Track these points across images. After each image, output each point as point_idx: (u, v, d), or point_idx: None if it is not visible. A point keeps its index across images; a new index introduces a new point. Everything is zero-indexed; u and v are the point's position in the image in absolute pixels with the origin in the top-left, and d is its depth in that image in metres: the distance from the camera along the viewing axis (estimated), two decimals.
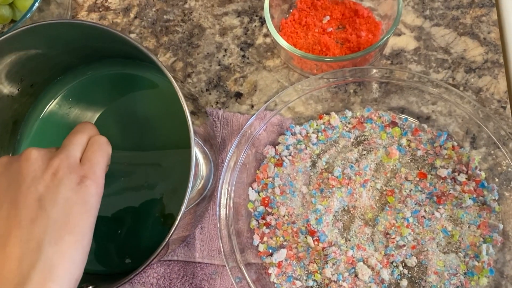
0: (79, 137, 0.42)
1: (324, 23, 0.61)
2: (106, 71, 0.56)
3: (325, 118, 0.57)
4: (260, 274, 0.51)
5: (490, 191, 0.51)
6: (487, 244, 0.49)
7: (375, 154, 0.54)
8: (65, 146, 0.41)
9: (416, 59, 0.60)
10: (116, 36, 0.45)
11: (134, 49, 0.45)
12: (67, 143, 0.41)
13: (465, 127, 0.54)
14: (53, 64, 0.54)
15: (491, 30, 0.60)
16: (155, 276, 0.52)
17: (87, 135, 0.42)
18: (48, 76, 0.55)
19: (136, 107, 0.55)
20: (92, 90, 0.56)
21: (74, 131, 0.43)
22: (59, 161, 0.38)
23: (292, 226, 0.52)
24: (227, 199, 0.51)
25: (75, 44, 0.51)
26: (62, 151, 0.40)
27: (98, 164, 0.40)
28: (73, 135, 0.42)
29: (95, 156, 0.41)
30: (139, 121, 0.54)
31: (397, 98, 0.56)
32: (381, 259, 0.50)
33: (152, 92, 0.55)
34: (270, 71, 0.61)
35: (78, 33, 0.48)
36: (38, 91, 0.55)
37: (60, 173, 0.38)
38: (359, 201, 0.52)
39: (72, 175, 0.38)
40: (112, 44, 0.49)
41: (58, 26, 0.46)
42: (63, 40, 0.49)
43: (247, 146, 0.53)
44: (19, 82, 0.52)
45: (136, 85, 0.55)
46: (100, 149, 0.41)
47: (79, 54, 0.54)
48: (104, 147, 0.42)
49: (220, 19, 0.65)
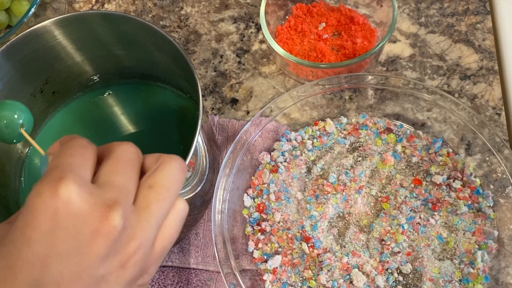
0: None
1: (319, 30, 0.61)
2: (123, 93, 0.58)
3: (321, 125, 0.57)
4: (255, 280, 0.51)
5: (485, 197, 0.51)
6: (482, 251, 0.49)
7: (370, 160, 0.54)
8: (148, 208, 0.28)
9: (411, 66, 0.60)
10: (146, 26, 0.46)
11: (157, 38, 0.47)
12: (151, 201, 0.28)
13: (460, 134, 0.54)
14: (76, 74, 0.55)
15: (486, 37, 0.61)
16: (150, 283, 0.52)
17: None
18: (69, 88, 0.56)
19: (148, 128, 0.56)
20: (107, 111, 0.57)
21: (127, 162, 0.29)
22: (137, 246, 0.27)
23: (287, 232, 0.52)
24: (222, 205, 0.51)
25: (100, 49, 0.52)
26: (146, 220, 0.27)
27: (171, 243, 0.30)
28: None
29: (174, 227, 0.30)
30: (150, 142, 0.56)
31: (392, 105, 0.56)
32: (376, 266, 0.50)
33: (167, 111, 0.57)
34: (266, 77, 0.62)
35: (108, 28, 0.49)
36: (57, 102, 0.56)
37: (131, 267, 0.27)
38: (354, 207, 0.52)
39: (139, 270, 0.28)
40: (136, 48, 0.51)
41: (90, 18, 0.48)
42: (91, 36, 0.50)
43: (242, 152, 0.53)
44: (44, 84, 0.53)
45: (152, 104, 0.57)
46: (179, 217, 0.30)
47: (101, 65, 0.55)
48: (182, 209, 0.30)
49: (216, 25, 0.65)
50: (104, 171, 0.28)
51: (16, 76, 0.50)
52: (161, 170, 0.29)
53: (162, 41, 0.47)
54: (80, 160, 0.27)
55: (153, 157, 0.30)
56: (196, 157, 0.46)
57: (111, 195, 0.26)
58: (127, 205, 0.27)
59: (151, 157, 0.30)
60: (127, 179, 0.28)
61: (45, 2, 0.63)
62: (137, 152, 0.30)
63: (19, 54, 0.48)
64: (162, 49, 0.49)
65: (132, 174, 0.28)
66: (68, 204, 0.25)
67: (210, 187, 0.52)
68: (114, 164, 0.28)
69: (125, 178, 0.28)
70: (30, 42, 0.48)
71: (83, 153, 0.28)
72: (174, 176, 0.29)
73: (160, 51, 0.50)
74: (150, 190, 0.28)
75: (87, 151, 0.28)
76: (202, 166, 0.48)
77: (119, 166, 0.28)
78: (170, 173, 0.29)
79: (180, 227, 0.30)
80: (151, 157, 0.30)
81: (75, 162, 0.27)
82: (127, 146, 0.29)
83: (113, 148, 0.29)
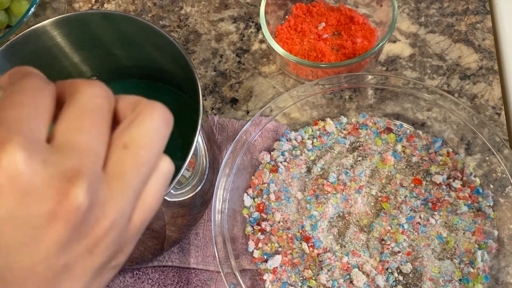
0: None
1: (319, 30, 0.61)
2: (123, 92, 0.57)
3: (321, 124, 0.57)
4: (255, 280, 0.51)
5: (485, 197, 0.51)
6: (482, 251, 0.49)
7: (370, 160, 0.54)
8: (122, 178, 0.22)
9: (411, 65, 0.60)
10: (145, 26, 0.46)
11: (154, 36, 0.46)
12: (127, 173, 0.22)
13: (460, 134, 0.54)
14: (76, 74, 0.55)
15: (485, 37, 0.61)
16: (150, 282, 0.52)
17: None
18: None
19: None
20: None
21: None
22: (108, 225, 0.21)
23: (287, 232, 0.52)
24: (222, 205, 0.51)
25: (100, 48, 0.52)
26: (120, 191, 0.21)
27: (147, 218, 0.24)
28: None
29: (152, 196, 0.23)
30: None
31: (392, 105, 0.57)
32: (376, 266, 0.50)
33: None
34: (266, 77, 0.62)
35: (107, 28, 0.49)
36: None
37: (101, 251, 0.22)
38: (354, 207, 0.52)
39: (112, 251, 0.23)
40: (135, 48, 0.51)
41: (89, 17, 0.48)
42: (90, 36, 0.50)
43: (242, 152, 0.53)
44: None
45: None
46: (163, 180, 0.24)
47: (100, 65, 0.55)
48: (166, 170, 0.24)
49: (216, 25, 0.65)
50: (63, 126, 0.21)
51: None
52: (139, 123, 0.22)
53: (162, 41, 0.47)
54: (33, 112, 0.21)
55: (128, 101, 0.24)
56: (196, 156, 0.46)
57: (72, 162, 0.20)
58: (95, 174, 0.21)
59: (126, 100, 0.24)
60: (94, 137, 0.21)
61: (45, 2, 0.63)
62: (107, 96, 0.23)
63: (18, 54, 0.48)
64: (162, 48, 0.49)
65: (101, 130, 0.22)
66: (14, 179, 0.19)
67: (210, 186, 0.52)
68: (78, 115, 0.21)
69: (92, 136, 0.21)
70: (29, 42, 0.48)
71: (37, 100, 0.21)
72: (157, 131, 0.23)
73: (160, 51, 0.50)
74: (125, 152, 0.22)
75: (42, 96, 0.21)
76: (202, 165, 0.48)
77: (84, 118, 0.21)
78: (151, 127, 0.23)
79: (164, 192, 0.24)
80: (126, 101, 0.24)
81: (25, 116, 0.20)
82: (95, 89, 0.22)
83: (77, 89, 0.22)
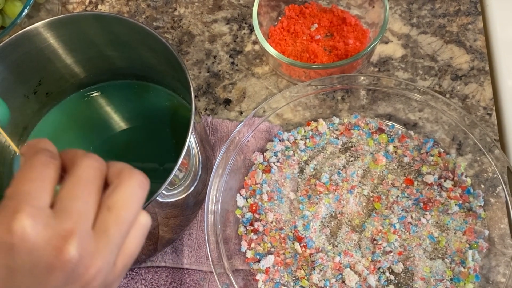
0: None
1: (312, 31, 0.61)
2: (116, 93, 0.58)
3: (313, 125, 0.57)
4: (248, 280, 0.51)
5: (476, 197, 0.52)
6: (473, 250, 0.50)
7: (362, 160, 0.54)
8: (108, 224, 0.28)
9: (403, 66, 0.60)
10: (138, 27, 0.47)
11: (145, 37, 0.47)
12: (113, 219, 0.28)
13: (451, 134, 0.54)
14: (70, 75, 0.55)
15: (477, 38, 0.61)
16: (143, 283, 0.52)
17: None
18: (63, 89, 0.56)
19: (142, 127, 0.57)
20: (100, 110, 0.58)
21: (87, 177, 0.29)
22: (96, 271, 0.27)
23: (280, 232, 0.52)
24: (215, 205, 0.51)
25: (93, 50, 0.53)
26: (105, 245, 0.28)
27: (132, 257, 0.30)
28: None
29: (134, 243, 0.30)
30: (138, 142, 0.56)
31: (384, 105, 0.57)
32: (368, 265, 0.50)
33: (160, 111, 0.57)
34: (259, 78, 0.62)
35: (100, 29, 0.50)
36: (51, 102, 0.57)
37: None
38: (346, 207, 0.53)
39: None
40: (129, 49, 0.52)
41: (82, 19, 0.48)
42: (83, 37, 0.51)
43: (235, 152, 0.53)
44: (38, 85, 0.53)
45: (145, 106, 0.57)
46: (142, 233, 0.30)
47: (94, 66, 0.55)
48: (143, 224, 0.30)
49: (209, 26, 0.65)
50: (63, 195, 0.28)
51: (9, 77, 0.50)
52: (120, 189, 0.29)
53: (155, 42, 0.47)
54: (39, 186, 0.27)
55: (116, 169, 0.30)
56: (189, 157, 0.47)
57: (67, 225, 0.26)
58: (85, 233, 0.27)
59: (114, 167, 0.30)
60: (86, 203, 0.28)
61: (38, 3, 0.63)
62: (100, 167, 0.29)
63: (12, 55, 0.48)
64: (155, 50, 0.49)
65: (91, 197, 0.28)
66: (23, 239, 0.25)
67: (203, 187, 0.52)
68: (74, 186, 0.28)
69: (84, 203, 0.27)
70: (23, 43, 0.48)
71: (43, 175, 0.28)
72: (133, 195, 0.29)
73: (153, 52, 0.50)
74: (108, 213, 0.28)
75: (48, 171, 0.28)
76: (195, 166, 0.49)
77: (79, 188, 0.28)
78: (128, 192, 0.29)
79: (142, 240, 0.30)
80: (114, 168, 0.30)
81: (33, 190, 0.27)
82: (89, 161, 0.29)
83: (76, 162, 0.29)
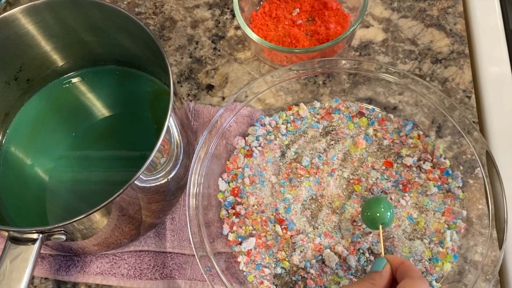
0: None
1: (294, 16, 0.61)
2: (98, 80, 0.58)
3: (294, 109, 0.57)
4: (230, 263, 0.51)
5: (455, 178, 0.52)
6: (451, 231, 0.50)
7: (343, 144, 0.55)
8: None
9: (383, 50, 0.61)
10: (116, 12, 0.47)
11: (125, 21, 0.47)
12: None
13: (431, 117, 0.55)
14: (50, 62, 0.55)
15: (457, 22, 0.61)
16: (126, 267, 0.52)
17: None
18: (44, 75, 0.56)
19: (122, 113, 0.57)
20: (82, 96, 0.58)
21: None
22: None
23: (261, 215, 0.53)
24: (197, 189, 0.52)
25: (72, 36, 0.53)
26: None
27: None
28: None
29: None
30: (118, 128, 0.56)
31: (365, 89, 0.57)
32: (348, 246, 0.51)
33: (142, 96, 0.57)
34: (241, 63, 0.62)
35: (78, 15, 0.50)
36: (32, 89, 0.57)
37: None
38: (326, 190, 0.53)
39: None
40: (108, 34, 0.52)
41: (59, 4, 0.48)
42: (62, 23, 0.51)
43: (217, 137, 0.54)
44: (18, 71, 0.53)
45: (127, 92, 0.58)
46: None
47: (74, 52, 0.56)
48: None
49: (191, 11, 0.65)
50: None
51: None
52: None
53: (133, 27, 0.47)
54: None
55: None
56: (170, 142, 0.47)
57: None
58: None
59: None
60: None
61: None
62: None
63: None
64: (134, 34, 0.49)
65: None
66: None
67: (185, 172, 0.52)
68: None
69: None
70: (1, 30, 0.48)
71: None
72: None
73: (132, 37, 0.50)
74: None
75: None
76: (176, 151, 0.49)
77: None
78: None
79: None
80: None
81: None
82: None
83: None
